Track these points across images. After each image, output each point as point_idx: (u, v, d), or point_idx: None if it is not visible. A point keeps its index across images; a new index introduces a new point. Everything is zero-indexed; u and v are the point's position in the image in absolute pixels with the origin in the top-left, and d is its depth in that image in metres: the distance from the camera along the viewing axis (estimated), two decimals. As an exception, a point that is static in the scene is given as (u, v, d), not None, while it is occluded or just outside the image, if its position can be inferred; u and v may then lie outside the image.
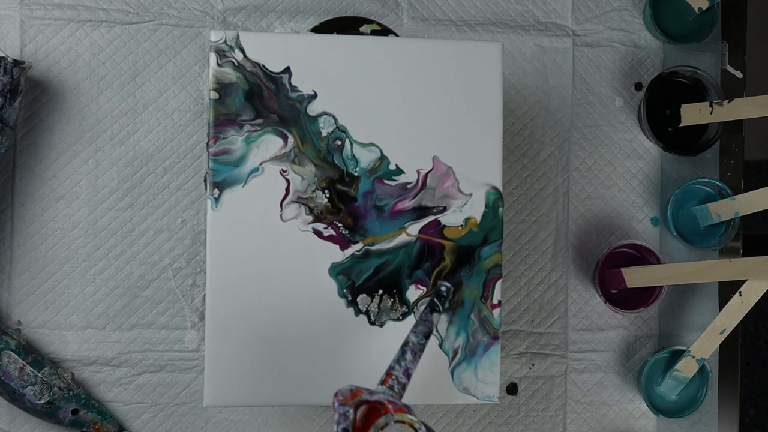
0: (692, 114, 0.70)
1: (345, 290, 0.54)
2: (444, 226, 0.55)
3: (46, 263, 0.70)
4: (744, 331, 1.36)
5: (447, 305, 0.55)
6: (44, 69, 0.70)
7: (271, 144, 0.54)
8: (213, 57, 0.54)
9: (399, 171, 0.55)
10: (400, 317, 0.55)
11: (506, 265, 0.73)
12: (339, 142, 0.55)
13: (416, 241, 0.55)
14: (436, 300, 0.53)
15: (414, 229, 0.55)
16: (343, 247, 0.55)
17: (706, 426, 0.74)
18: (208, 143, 0.54)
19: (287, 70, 0.55)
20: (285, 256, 0.54)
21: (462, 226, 0.55)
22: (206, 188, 0.62)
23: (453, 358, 0.55)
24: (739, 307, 0.69)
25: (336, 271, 0.54)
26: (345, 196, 0.55)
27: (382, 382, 0.47)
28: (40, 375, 0.66)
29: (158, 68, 0.71)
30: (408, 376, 0.48)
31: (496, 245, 0.56)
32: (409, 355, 0.49)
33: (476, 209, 0.56)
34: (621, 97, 0.75)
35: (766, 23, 1.16)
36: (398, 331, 0.55)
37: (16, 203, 0.70)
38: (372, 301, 0.55)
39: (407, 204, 0.55)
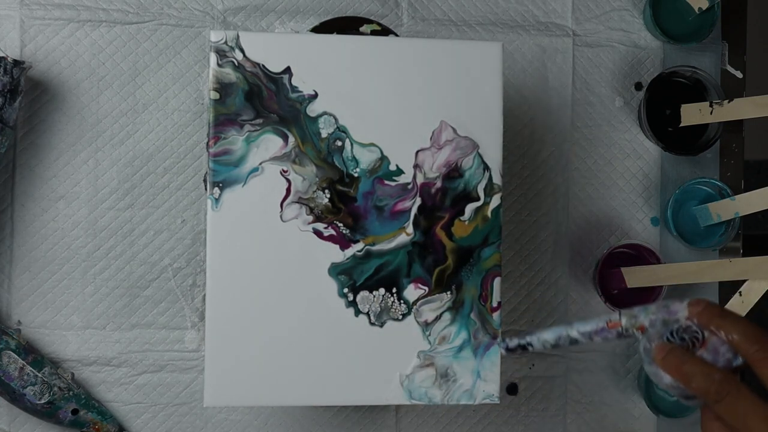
0: (692, 114, 0.70)
1: (345, 290, 0.54)
2: (446, 224, 0.55)
3: (46, 263, 0.70)
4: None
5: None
6: (44, 69, 0.70)
7: (271, 144, 0.54)
8: (213, 57, 0.54)
9: (399, 171, 0.55)
10: (400, 317, 0.55)
11: (506, 265, 0.73)
12: (339, 143, 0.55)
13: (417, 241, 0.55)
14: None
15: (415, 229, 0.55)
16: (343, 247, 0.55)
17: (706, 426, 0.74)
18: (208, 143, 0.54)
19: (287, 70, 0.55)
20: (285, 256, 0.54)
21: (468, 220, 0.55)
22: (206, 188, 0.62)
23: (453, 358, 0.55)
24: (739, 307, 0.69)
25: (336, 271, 0.54)
26: (345, 196, 0.55)
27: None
28: (40, 375, 0.66)
29: (158, 68, 0.71)
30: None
31: (495, 246, 0.56)
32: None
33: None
34: (621, 97, 0.75)
35: (766, 23, 1.16)
36: (398, 331, 0.55)
37: (16, 203, 0.70)
38: (372, 302, 0.55)
39: (407, 204, 0.55)
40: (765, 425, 0.41)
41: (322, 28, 0.71)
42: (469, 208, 0.56)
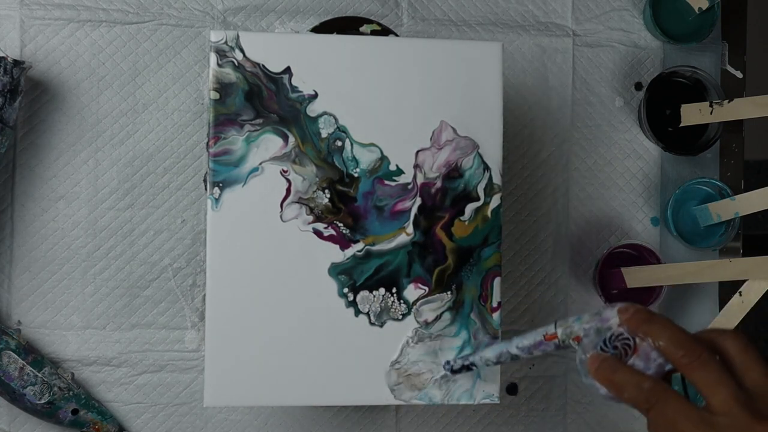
0: (692, 114, 0.70)
1: (345, 290, 0.54)
2: (446, 224, 0.55)
3: (46, 263, 0.70)
4: (744, 331, 1.35)
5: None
6: (44, 69, 0.70)
7: (271, 144, 0.54)
8: (213, 57, 0.54)
9: (399, 171, 0.55)
10: (400, 317, 0.55)
11: (506, 265, 0.73)
12: (339, 143, 0.55)
13: (417, 241, 0.55)
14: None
15: (415, 229, 0.55)
16: (343, 247, 0.55)
17: (706, 426, 0.73)
18: (208, 143, 0.54)
19: (287, 70, 0.55)
20: (285, 256, 0.54)
21: (468, 220, 0.55)
22: (206, 188, 0.62)
23: (453, 358, 0.55)
24: (739, 307, 0.69)
25: (336, 271, 0.54)
26: (345, 196, 0.55)
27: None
28: (40, 375, 0.66)
29: (158, 68, 0.71)
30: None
31: (495, 246, 0.56)
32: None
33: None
34: (621, 97, 0.75)
35: (766, 23, 1.16)
36: (398, 331, 0.55)
37: (16, 203, 0.70)
38: (372, 302, 0.55)
39: (407, 204, 0.55)
40: (695, 429, 0.41)
41: (322, 28, 0.71)
42: (469, 208, 0.56)
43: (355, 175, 0.55)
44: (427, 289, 0.55)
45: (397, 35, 0.72)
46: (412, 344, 0.55)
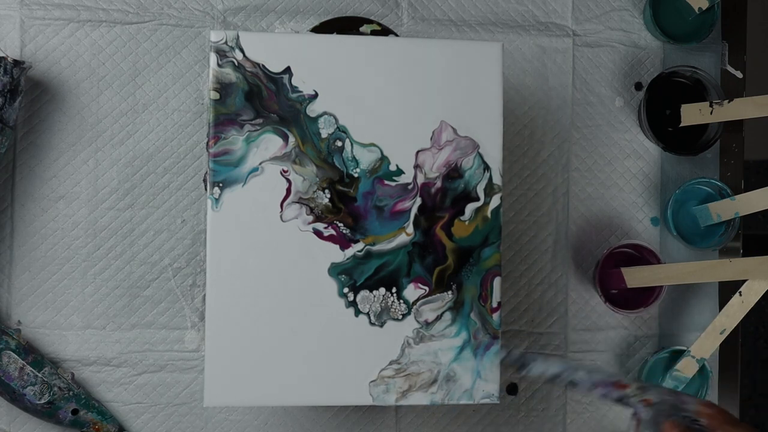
0: (692, 114, 0.70)
1: (345, 290, 0.55)
2: (446, 224, 0.55)
3: (46, 263, 0.70)
4: (744, 331, 1.35)
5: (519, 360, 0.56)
6: (44, 69, 0.70)
7: (271, 144, 0.54)
8: (213, 57, 0.54)
9: (399, 171, 0.55)
10: (401, 317, 0.55)
11: (506, 265, 0.73)
12: (339, 143, 0.55)
13: (417, 241, 0.55)
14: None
15: (415, 229, 0.55)
16: (343, 247, 0.55)
17: (706, 426, 0.74)
18: (208, 143, 0.54)
19: (287, 70, 0.55)
20: (285, 256, 0.54)
21: (468, 220, 0.55)
22: (206, 188, 0.62)
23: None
24: (739, 307, 0.69)
25: (336, 271, 0.54)
26: (345, 196, 0.55)
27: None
28: (40, 375, 0.66)
29: (158, 68, 0.71)
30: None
31: (495, 246, 0.56)
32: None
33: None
34: (621, 97, 0.75)
35: (766, 23, 1.16)
36: (398, 330, 0.55)
37: (16, 203, 0.70)
38: (372, 301, 0.55)
39: (407, 204, 0.55)
40: None
41: (322, 28, 0.71)
42: (469, 208, 0.56)
43: (355, 175, 0.55)
44: (427, 289, 0.55)
45: (397, 35, 0.72)
46: (413, 344, 0.55)
